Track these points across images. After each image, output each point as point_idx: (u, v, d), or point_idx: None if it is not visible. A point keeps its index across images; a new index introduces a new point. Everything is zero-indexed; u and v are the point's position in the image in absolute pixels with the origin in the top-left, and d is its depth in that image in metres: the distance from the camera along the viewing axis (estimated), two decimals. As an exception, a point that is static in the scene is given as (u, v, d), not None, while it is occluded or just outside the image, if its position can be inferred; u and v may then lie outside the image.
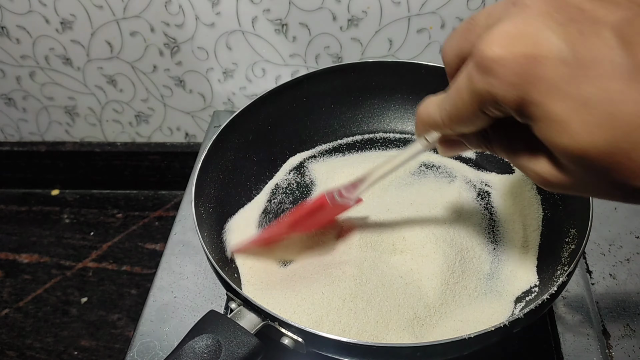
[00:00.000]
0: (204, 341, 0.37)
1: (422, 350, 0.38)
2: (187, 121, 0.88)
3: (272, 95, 0.59)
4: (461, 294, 0.47)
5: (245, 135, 0.58)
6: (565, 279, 0.41)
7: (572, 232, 0.48)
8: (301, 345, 0.40)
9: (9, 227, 0.94)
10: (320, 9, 0.71)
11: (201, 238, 0.46)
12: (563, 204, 0.51)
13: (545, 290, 0.44)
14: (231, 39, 0.75)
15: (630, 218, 0.64)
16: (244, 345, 0.38)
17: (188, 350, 0.37)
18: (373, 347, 0.38)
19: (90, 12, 0.74)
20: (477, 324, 0.45)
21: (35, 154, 0.94)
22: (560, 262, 0.46)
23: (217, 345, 0.37)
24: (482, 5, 0.69)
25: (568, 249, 0.47)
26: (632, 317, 0.55)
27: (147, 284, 0.84)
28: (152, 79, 0.82)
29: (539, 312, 0.40)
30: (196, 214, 0.48)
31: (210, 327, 0.38)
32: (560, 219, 0.51)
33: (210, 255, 0.45)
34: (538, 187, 0.55)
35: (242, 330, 0.38)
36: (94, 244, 0.91)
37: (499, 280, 0.49)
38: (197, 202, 0.50)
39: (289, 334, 0.40)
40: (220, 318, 0.39)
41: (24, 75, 0.84)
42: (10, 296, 0.85)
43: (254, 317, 0.40)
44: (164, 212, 0.95)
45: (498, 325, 0.38)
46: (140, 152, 0.92)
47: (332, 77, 0.60)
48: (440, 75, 0.59)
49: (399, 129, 0.64)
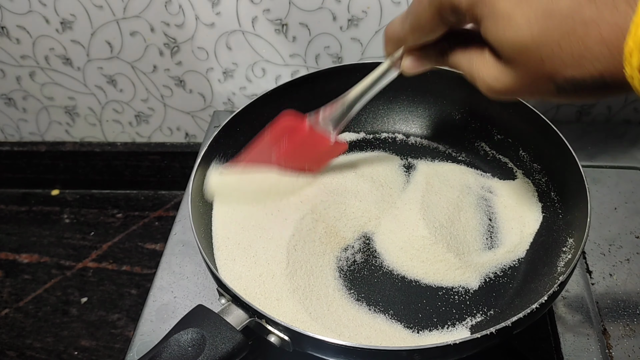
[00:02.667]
0: (189, 335, 0.38)
1: (419, 353, 0.38)
2: (187, 121, 0.88)
3: (275, 94, 0.59)
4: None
5: (247, 133, 0.58)
6: (556, 288, 0.41)
7: (569, 242, 0.48)
8: (287, 344, 0.40)
9: (9, 227, 0.94)
10: (320, 9, 0.71)
11: (195, 231, 0.47)
12: (563, 212, 0.51)
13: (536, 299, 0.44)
14: (231, 39, 0.75)
15: (630, 218, 0.64)
16: (228, 341, 0.38)
17: (172, 343, 0.38)
18: (357, 349, 0.38)
19: (90, 12, 0.74)
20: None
21: (35, 154, 0.94)
22: (556, 272, 0.46)
23: (202, 340, 0.38)
24: (482, 5, 0.69)
25: (565, 258, 0.47)
26: (632, 317, 0.55)
27: (147, 284, 0.84)
28: (152, 79, 0.82)
29: (526, 322, 0.40)
30: (192, 206, 0.49)
31: (197, 321, 0.39)
32: (559, 228, 0.51)
33: (203, 251, 0.45)
34: (539, 194, 0.55)
35: (228, 325, 0.39)
36: (94, 244, 0.91)
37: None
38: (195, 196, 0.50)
39: (276, 331, 0.40)
40: (207, 313, 0.40)
41: (24, 75, 0.84)
42: (10, 296, 0.85)
43: (242, 313, 0.41)
44: (164, 212, 0.95)
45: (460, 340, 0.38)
46: (140, 152, 0.92)
47: (336, 76, 0.60)
48: (445, 77, 0.59)
49: (404, 130, 0.64)
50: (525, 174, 0.58)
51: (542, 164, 0.56)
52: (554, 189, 0.54)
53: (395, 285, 0.50)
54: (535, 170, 0.57)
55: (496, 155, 0.60)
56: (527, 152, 0.58)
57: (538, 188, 0.56)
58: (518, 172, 0.58)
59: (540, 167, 0.56)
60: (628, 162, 0.70)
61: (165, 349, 0.37)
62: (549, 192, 0.54)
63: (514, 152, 0.59)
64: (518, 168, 0.59)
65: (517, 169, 0.59)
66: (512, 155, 0.59)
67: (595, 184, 0.68)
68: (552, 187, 0.54)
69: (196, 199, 0.51)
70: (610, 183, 0.68)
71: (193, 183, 0.51)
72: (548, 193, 0.55)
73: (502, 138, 0.60)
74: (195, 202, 0.50)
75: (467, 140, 0.62)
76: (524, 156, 0.58)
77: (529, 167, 0.57)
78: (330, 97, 0.62)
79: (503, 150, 0.60)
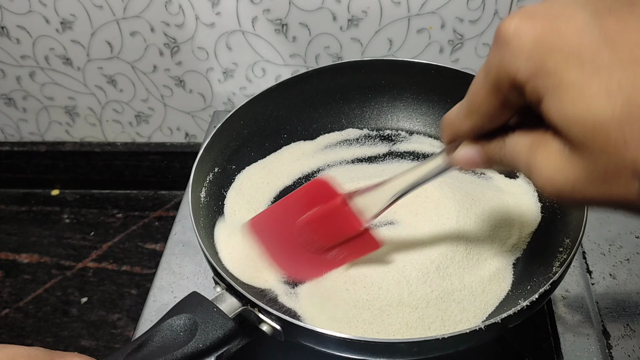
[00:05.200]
0: (182, 320, 0.39)
1: (418, 345, 0.39)
2: (187, 121, 0.88)
3: (279, 89, 0.59)
4: (446, 288, 0.47)
5: (250, 126, 0.58)
6: (548, 287, 0.41)
7: (566, 242, 0.47)
8: (279, 333, 0.41)
9: (9, 227, 0.94)
10: (320, 9, 0.71)
11: (193, 220, 0.47)
12: (561, 213, 0.51)
13: (525, 297, 0.44)
14: (231, 39, 0.75)
15: (630, 218, 0.64)
16: (219, 328, 0.39)
17: (165, 328, 0.38)
18: (347, 340, 0.39)
19: (90, 12, 0.74)
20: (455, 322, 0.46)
21: (35, 154, 0.94)
22: (551, 272, 0.46)
23: (194, 326, 0.39)
24: (482, 5, 0.69)
25: (560, 259, 0.47)
26: (632, 317, 0.55)
27: (147, 284, 0.84)
28: (152, 79, 0.82)
29: (516, 319, 0.40)
30: (192, 197, 0.49)
31: (190, 307, 0.40)
32: (557, 229, 0.50)
33: (200, 240, 0.46)
34: (539, 193, 0.55)
35: (220, 313, 0.40)
36: (94, 244, 0.91)
37: (480, 282, 0.49)
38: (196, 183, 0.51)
39: (268, 320, 0.41)
40: (200, 300, 0.40)
41: (24, 75, 0.84)
42: (10, 296, 0.85)
43: (235, 301, 0.41)
44: (164, 212, 0.95)
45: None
46: (140, 152, 0.92)
47: (341, 73, 0.60)
48: (450, 76, 0.59)
49: (407, 127, 0.64)
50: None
51: None
52: None
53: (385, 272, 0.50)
54: None
55: None
56: None
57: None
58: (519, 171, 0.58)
59: None
60: (628, 162, 0.70)
61: (158, 332, 0.38)
62: None
63: None
64: None
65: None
66: None
67: (595, 184, 0.68)
68: None
69: (196, 189, 0.52)
70: (610, 183, 0.68)
71: (195, 168, 0.52)
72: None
73: None
74: (196, 192, 0.51)
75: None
76: None
77: None
78: (339, 93, 0.62)
79: None
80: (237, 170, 0.58)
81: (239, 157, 0.59)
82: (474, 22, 0.71)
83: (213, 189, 0.55)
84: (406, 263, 0.48)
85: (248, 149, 0.59)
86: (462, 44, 0.74)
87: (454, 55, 0.75)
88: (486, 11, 0.70)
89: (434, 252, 0.49)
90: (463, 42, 0.73)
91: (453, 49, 0.74)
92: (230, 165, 0.58)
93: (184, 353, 0.37)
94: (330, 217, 0.44)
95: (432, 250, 0.49)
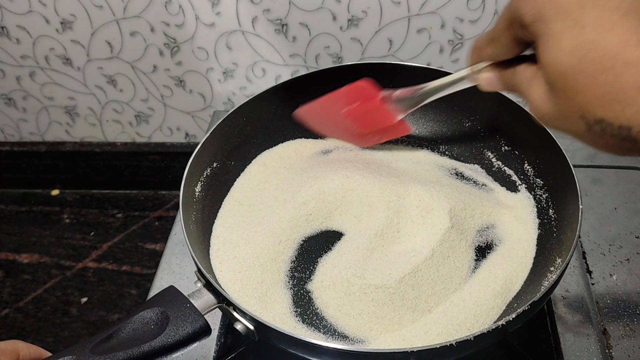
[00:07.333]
0: (154, 313, 0.39)
1: (416, 354, 0.39)
2: (187, 121, 0.88)
3: (277, 91, 0.59)
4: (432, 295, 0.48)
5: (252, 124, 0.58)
6: (527, 307, 0.41)
7: (557, 262, 0.47)
8: (252, 333, 0.41)
9: (9, 227, 0.94)
10: (320, 9, 0.71)
11: (182, 213, 0.48)
12: (557, 231, 0.51)
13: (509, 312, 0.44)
14: (231, 39, 0.75)
15: (630, 218, 0.64)
16: (189, 324, 0.39)
17: (137, 320, 0.39)
18: (323, 348, 0.39)
19: (90, 12, 0.74)
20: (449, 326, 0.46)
21: (35, 154, 0.94)
22: (539, 291, 0.46)
23: (165, 319, 0.39)
24: (482, 5, 0.69)
25: (549, 278, 0.46)
26: (632, 317, 0.55)
27: (147, 284, 0.84)
28: (152, 79, 0.82)
29: (500, 333, 0.40)
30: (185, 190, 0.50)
31: (164, 302, 0.40)
32: (551, 247, 0.50)
33: (186, 234, 0.46)
34: (538, 210, 0.55)
35: (193, 309, 0.40)
36: (94, 244, 0.91)
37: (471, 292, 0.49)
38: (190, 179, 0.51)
39: (242, 320, 0.41)
40: (175, 294, 0.41)
41: (24, 75, 0.84)
42: (10, 296, 0.85)
43: (211, 298, 0.42)
44: (164, 212, 0.95)
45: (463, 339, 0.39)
46: (140, 152, 0.92)
47: (344, 73, 0.60)
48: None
49: (413, 132, 0.64)
50: (528, 189, 0.57)
51: (544, 180, 0.56)
52: (552, 207, 0.54)
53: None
54: (538, 185, 0.56)
55: (502, 167, 0.60)
56: (531, 167, 0.57)
57: (538, 204, 0.55)
58: (521, 186, 0.58)
59: (543, 183, 0.56)
60: (628, 162, 0.70)
61: (129, 324, 0.39)
62: (548, 209, 0.54)
63: (519, 165, 0.59)
64: (521, 182, 0.58)
65: (521, 183, 0.58)
66: (517, 167, 0.59)
67: (595, 184, 0.68)
68: (552, 205, 0.54)
69: (190, 183, 0.52)
70: (610, 183, 0.68)
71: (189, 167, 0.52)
72: (547, 210, 0.54)
73: (509, 149, 0.60)
74: (190, 186, 0.52)
75: (475, 148, 0.62)
76: (528, 170, 0.58)
77: (532, 181, 0.57)
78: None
79: (509, 162, 0.60)
80: (239, 167, 0.58)
81: (239, 154, 0.59)
82: (474, 22, 0.71)
83: (210, 184, 0.55)
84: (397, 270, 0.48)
85: (249, 145, 0.60)
86: (462, 44, 0.74)
87: (454, 55, 0.75)
88: (486, 11, 0.70)
89: (427, 256, 0.49)
90: (463, 42, 0.73)
91: (453, 49, 0.74)
92: (229, 161, 0.58)
93: (151, 347, 0.38)
94: (370, 111, 0.54)
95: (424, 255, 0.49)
